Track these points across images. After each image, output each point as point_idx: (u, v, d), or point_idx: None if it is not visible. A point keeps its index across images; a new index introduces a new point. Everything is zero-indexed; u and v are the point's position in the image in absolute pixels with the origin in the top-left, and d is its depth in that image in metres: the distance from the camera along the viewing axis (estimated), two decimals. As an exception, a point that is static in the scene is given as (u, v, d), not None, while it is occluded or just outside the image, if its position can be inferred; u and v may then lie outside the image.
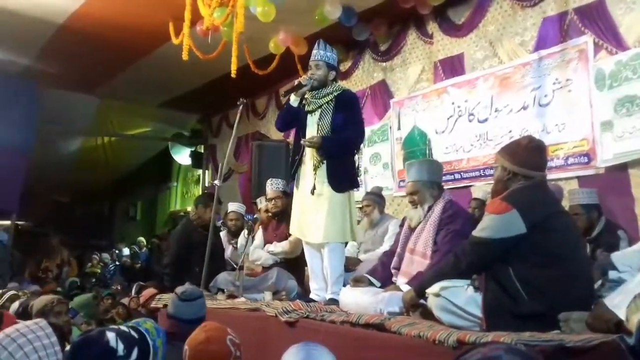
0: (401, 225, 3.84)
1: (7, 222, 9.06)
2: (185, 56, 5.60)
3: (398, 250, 3.41)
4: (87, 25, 6.60)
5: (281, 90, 3.94)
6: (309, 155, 3.71)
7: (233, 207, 5.50)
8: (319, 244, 3.71)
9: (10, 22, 6.61)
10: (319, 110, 3.72)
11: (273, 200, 4.74)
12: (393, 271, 3.38)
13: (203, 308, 2.78)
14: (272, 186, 4.79)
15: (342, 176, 3.66)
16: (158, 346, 1.71)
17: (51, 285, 7.83)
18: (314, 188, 3.60)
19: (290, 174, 3.90)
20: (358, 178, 3.84)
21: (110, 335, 1.57)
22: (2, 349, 1.63)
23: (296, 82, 3.80)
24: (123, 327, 1.66)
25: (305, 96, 3.79)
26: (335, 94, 3.73)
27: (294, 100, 3.79)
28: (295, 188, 3.86)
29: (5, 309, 4.28)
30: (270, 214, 4.83)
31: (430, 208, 3.27)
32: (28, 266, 8.76)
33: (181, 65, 5.97)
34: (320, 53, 3.77)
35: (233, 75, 5.30)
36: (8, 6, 6.31)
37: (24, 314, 3.52)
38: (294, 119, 3.85)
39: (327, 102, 3.71)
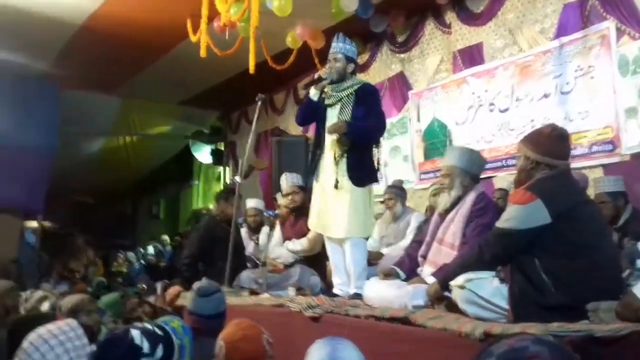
0: (430, 216, 3.81)
1: (34, 224, 9.23)
2: (203, 53, 5.62)
3: (427, 238, 3.37)
4: (106, 25, 6.67)
5: (300, 84, 3.94)
6: (329, 149, 3.70)
7: (251, 203, 5.52)
8: (341, 239, 3.71)
9: (30, 24, 6.70)
10: (339, 103, 3.71)
11: (290, 196, 4.72)
12: (420, 259, 3.35)
13: (222, 303, 2.79)
14: (288, 181, 4.77)
15: (363, 170, 3.65)
16: (185, 345, 1.73)
17: (80, 285, 7.94)
18: (337, 182, 3.60)
19: (310, 168, 3.90)
20: (378, 172, 3.82)
21: (135, 333, 1.60)
22: (34, 349, 1.67)
23: (315, 75, 3.80)
24: (148, 325, 1.69)
25: (325, 89, 3.79)
26: (355, 87, 3.72)
27: (314, 94, 3.79)
28: (315, 182, 3.86)
29: (36, 310, 4.38)
30: (287, 210, 4.81)
31: (460, 198, 3.22)
32: (55, 267, 8.91)
33: (199, 63, 6.00)
34: (339, 46, 3.76)
35: (251, 71, 5.32)
36: (27, 8, 6.40)
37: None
38: (314, 113, 3.85)
39: (347, 95, 3.71)
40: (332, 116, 3.73)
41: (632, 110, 4.40)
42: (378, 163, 3.87)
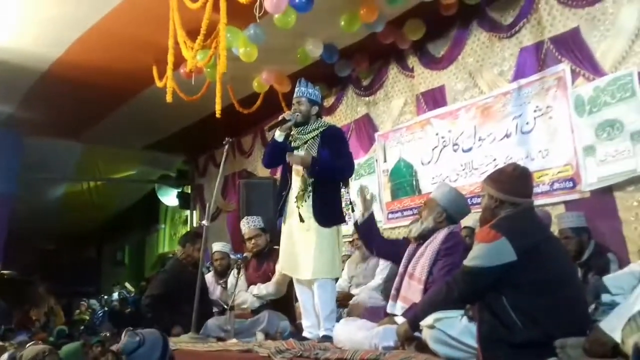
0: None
1: (-8, 272, 8.89)
2: (169, 99, 5.62)
3: (400, 269, 3.36)
4: (70, 71, 6.62)
5: (266, 127, 3.97)
6: (295, 190, 3.70)
7: (217, 246, 5.42)
8: (309, 280, 3.67)
9: (-6, 71, 6.62)
10: (305, 145, 3.74)
11: (253, 239, 4.68)
12: (393, 292, 3.33)
13: (148, 357, 2.67)
14: (249, 224, 4.74)
15: (328, 211, 3.65)
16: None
17: (41, 334, 7.63)
18: (300, 216, 3.59)
19: (277, 210, 3.88)
20: (345, 214, 3.81)
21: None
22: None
23: (280, 117, 3.83)
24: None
25: (292, 132, 3.82)
26: (321, 129, 3.76)
27: (278, 135, 3.81)
28: (283, 224, 3.83)
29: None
30: (251, 254, 4.75)
31: (432, 232, 3.24)
32: (15, 316, 8.55)
33: (165, 108, 5.98)
34: (302, 90, 3.83)
35: (218, 115, 5.32)
36: (-9, 56, 6.34)
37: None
38: (280, 155, 3.86)
39: (313, 138, 3.74)
40: None
41: (589, 149, 4.53)
42: (351, 203, 3.87)
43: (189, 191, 11.00)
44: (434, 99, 5.99)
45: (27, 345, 4.28)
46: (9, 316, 8.43)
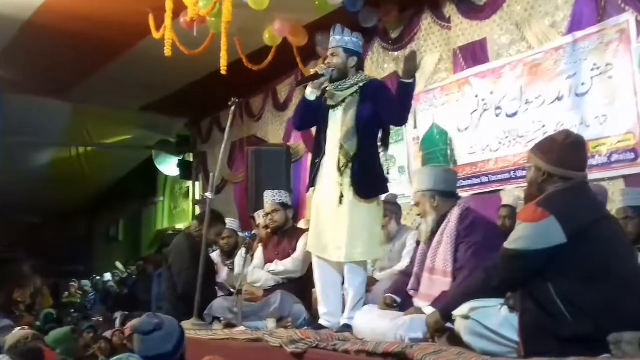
0: (418, 241, 3.83)
1: (-30, 248, 9.08)
2: (167, 52, 5.62)
3: (415, 269, 3.38)
4: (56, 20, 6.65)
5: (294, 83, 3.95)
6: (332, 158, 3.68)
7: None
8: (339, 262, 3.70)
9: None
10: (342, 104, 3.71)
11: (270, 215, 4.73)
12: (411, 292, 3.36)
13: (164, 342, 2.74)
14: (268, 198, 4.80)
15: (370, 179, 3.63)
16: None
17: (27, 318, 7.82)
18: (341, 197, 3.59)
19: (310, 180, 3.88)
20: (386, 181, 3.80)
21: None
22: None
23: (312, 71, 3.81)
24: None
25: (327, 88, 3.79)
26: (361, 84, 3.70)
27: (310, 93, 3.77)
28: (313, 197, 3.84)
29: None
30: (268, 230, 4.82)
31: (442, 219, 3.25)
32: (-4, 297, 8.78)
33: (164, 63, 6.00)
34: (336, 39, 3.76)
35: (223, 71, 5.32)
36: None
37: (-6, 353, 3.51)
38: (313, 116, 3.83)
39: (352, 94, 3.69)
40: (335, 118, 3.72)
41: (656, 114, 4.46)
42: (387, 173, 3.86)
43: (191, 159, 11.07)
44: (474, 54, 5.91)
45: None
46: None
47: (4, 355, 1.92)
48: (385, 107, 3.65)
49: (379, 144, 3.80)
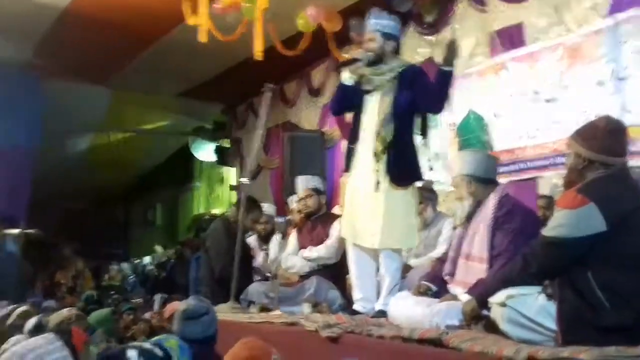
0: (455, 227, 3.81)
1: (16, 231, 9.32)
2: (202, 38, 5.64)
3: (451, 254, 3.37)
4: (94, 8, 6.72)
5: (337, 66, 3.94)
6: (368, 144, 3.67)
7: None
8: (374, 249, 3.70)
9: (8, 10, 6.78)
10: (379, 89, 3.68)
11: (303, 200, 4.76)
12: (446, 277, 3.34)
13: (211, 326, 2.80)
14: (302, 183, 4.84)
15: (405, 166, 3.62)
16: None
17: (69, 299, 8.04)
18: (378, 183, 3.57)
19: (345, 166, 3.87)
20: (421, 169, 3.79)
21: (132, 354, 1.61)
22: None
23: (350, 55, 3.79)
24: (146, 345, 1.70)
25: (364, 73, 3.77)
26: (399, 69, 3.68)
27: (347, 77, 3.76)
28: (348, 182, 3.84)
29: (18, 327, 4.43)
30: (301, 215, 4.85)
31: (478, 205, 3.22)
32: (39, 279, 9.03)
33: (200, 50, 6.02)
34: (373, 22, 3.73)
35: (258, 57, 5.32)
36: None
37: (39, 331, 3.62)
38: (350, 101, 3.82)
39: (389, 80, 3.67)
40: (371, 104, 3.71)
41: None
42: (429, 159, 3.83)
43: (227, 145, 11.14)
44: (511, 38, 5.80)
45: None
46: (33, 279, 8.91)
47: (49, 333, 1.98)
48: (423, 94, 3.61)
49: (416, 131, 3.78)
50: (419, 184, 3.90)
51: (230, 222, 5.10)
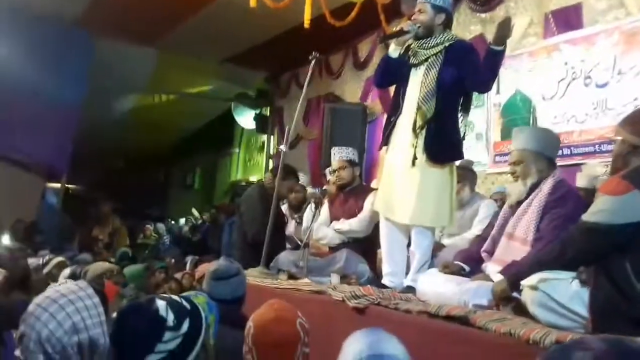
0: (500, 207, 3.74)
1: (57, 185, 9.57)
2: (253, 2, 5.62)
3: (493, 232, 3.32)
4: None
5: (379, 37, 3.86)
6: (408, 118, 3.62)
7: None
8: (406, 225, 3.68)
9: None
10: (425, 63, 3.61)
11: (337, 172, 4.74)
12: (484, 254, 3.30)
13: (240, 287, 2.83)
14: (336, 155, 4.81)
15: (444, 143, 3.54)
16: (210, 323, 1.75)
17: (104, 254, 8.24)
18: (415, 158, 3.54)
19: (383, 139, 3.83)
20: (462, 147, 3.70)
21: (161, 304, 1.63)
22: (42, 310, 1.72)
23: (398, 27, 3.73)
24: (175, 297, 1.72)
25: (411, 46, 3.71)
26: (446, 44, 3.59)
27: (393, 49, 3.70)
28: (386, 155, 3.81)
29: (54, 277, 4.57)
30: (335, 187, 4.84)
31: (536, 186, 3.15)
32: (77, 233, 9.25)
33: (247, 16, 6.03)
34: None
35: (306, 25, 5.29)
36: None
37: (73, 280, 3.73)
38: (395, 74, 3.76)
39: (435, 54, 3.59)
40: (416, 78, 3.64)
41: None
42: (463, 137, 3.74)
43: (268, 113, 11.18)
44: (567, 19, 5.64)
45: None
46: (71, 232, 9.15)
47: (81, 281, 2.03)
48: (470, 71, 3.53)
49: (459, 108, 3.71)
50: (458, 163, 3.83)
51: (265, 189, 5.13)
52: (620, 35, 5.15)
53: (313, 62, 4.70)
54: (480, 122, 6.37)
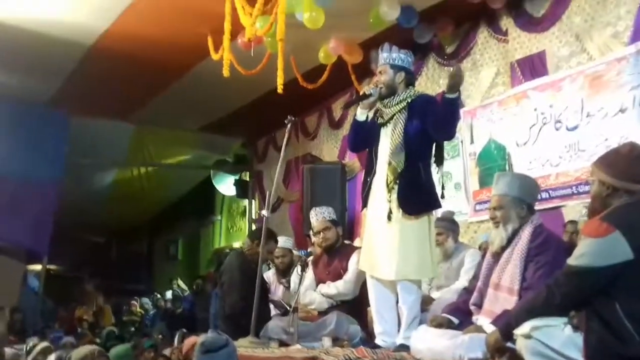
0: (483, 255, 3.75)
1: (38, 267, 9.41)
2: (226, 72, 5.72)
3: (479, 284, 3.33)
4: (119, 45, 6.87)
5: (342, 105, 3.96)
6: (382, 175, 3.68)
7: (279, 242, 5.49)
8: (392, 281, 3.67)
9: (37, 46, 6.96)
10: (392, 121, 3.70)
11: (321, 233, 4.72)
12: (472, 308, 3.29)
13: (230, 358, 2.79)
14: (318, 215, 4.79)
15: (417, 194, 3.59)
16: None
17: (87, 337, 8.07)
18: (390, 212, 3.57)
19: (362, 201, 3.88)
20: (438, 196, 3.74)
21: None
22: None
23: (361, 92, 3.82)
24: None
25: (378, 107, 3.80)
26: (409, 99, 3.69)
27: (360, 113, 3.80)
28: (367, 214, 3.85)
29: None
30: (320, 249, 4.80)
31: (516, 232, 3.18)
32: (60, 315, 9.09)
33: (222, 84, 6.11)
34: (384, 56, 3.78)
35: (279, 90, 5.38)
36: (34, 28, 6.64)
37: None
38: (367, 136, 3.84)
39: (400, 111, 3.68)
40: (385, 136, 3.73)
41: None
42: (442, 189, 3.81)
43: (248, 178, 11.22)
44: (533, 67, 5.81)
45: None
46: (53, 315, 8.98)
47: None
48: (431, 121, 3.62)
49: (430, 159, 3.78)
50: (438, 213, 3.86)
51: (244, 255, 5.07)
52: (585, 79, 5.31)
53: (289, 125, 4.75)
54: (458, 172, 6.46)
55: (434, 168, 3.81)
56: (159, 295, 12.93)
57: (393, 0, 5.82)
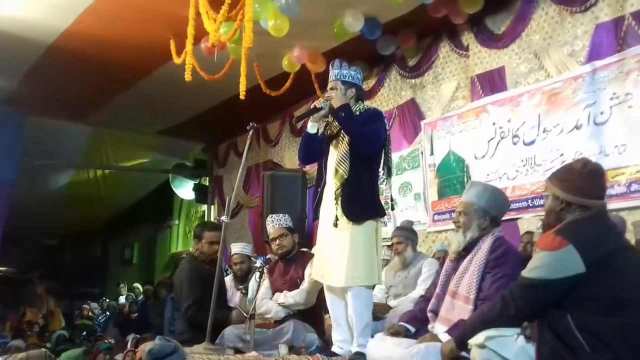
0: (441, 263, 3.79)
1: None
2: (188, 77, 5.67)
3: (437, 290, 3.35)
4: (79, 45, 6.75)
5: (295, 117, 3.98)
6: (330, 186, 3.72)
7: (236, 248, 5.40)
8: (342, 289, 3.68)
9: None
10: (340, 133, 3.74)
11: (277, 240, 4.70)
12: (429, 314, 3.32)
13: None
14: (274, 223, 4.75)
15: (360, 203, 3.63)
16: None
17: (35, 338, 7.85)
18: (336, 219, 3.59)
19: (314, 209, 3.91)
20: (382, 205, 3.79)
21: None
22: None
23: (312, 106, 3.84)
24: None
25: (328, 120, 3.83)
26: (357, 113, 3.74)
27: (311, 126, 3.84)
28: (319, 224, 3.86)
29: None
30: (276, 256, 4.76)
31: (475, 242, 3.22)
32: (9, 318, 8.83)
33: (184, 88, 6.05)
34: (335, 72, 3.82)
35: (242, 96, 5.35)
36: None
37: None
38: (316, 149, 3.87)
39: None
40: (333, 149, 3.78)
41: (675, 145, 4.42)
42: (392, 200, 3.86)
43: (207, 183, 11.12)
44: (492, 82, 5.93)
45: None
46: (2, 318, 8.71)
47: None
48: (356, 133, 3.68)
49: (377, 170, 3.82)
50: (397, 223, 3.90)
51: (195, 258, 4.98)
52: (542, 96, 5.43)
53: (251, 131, 4.73)
54: (418, 183, 6.53)
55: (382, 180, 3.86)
56: (107, 300, 12.69)
57: (357, 11, 5.87)
